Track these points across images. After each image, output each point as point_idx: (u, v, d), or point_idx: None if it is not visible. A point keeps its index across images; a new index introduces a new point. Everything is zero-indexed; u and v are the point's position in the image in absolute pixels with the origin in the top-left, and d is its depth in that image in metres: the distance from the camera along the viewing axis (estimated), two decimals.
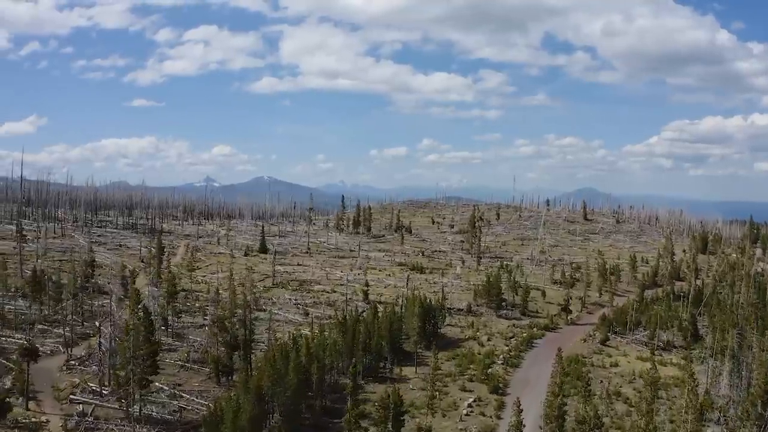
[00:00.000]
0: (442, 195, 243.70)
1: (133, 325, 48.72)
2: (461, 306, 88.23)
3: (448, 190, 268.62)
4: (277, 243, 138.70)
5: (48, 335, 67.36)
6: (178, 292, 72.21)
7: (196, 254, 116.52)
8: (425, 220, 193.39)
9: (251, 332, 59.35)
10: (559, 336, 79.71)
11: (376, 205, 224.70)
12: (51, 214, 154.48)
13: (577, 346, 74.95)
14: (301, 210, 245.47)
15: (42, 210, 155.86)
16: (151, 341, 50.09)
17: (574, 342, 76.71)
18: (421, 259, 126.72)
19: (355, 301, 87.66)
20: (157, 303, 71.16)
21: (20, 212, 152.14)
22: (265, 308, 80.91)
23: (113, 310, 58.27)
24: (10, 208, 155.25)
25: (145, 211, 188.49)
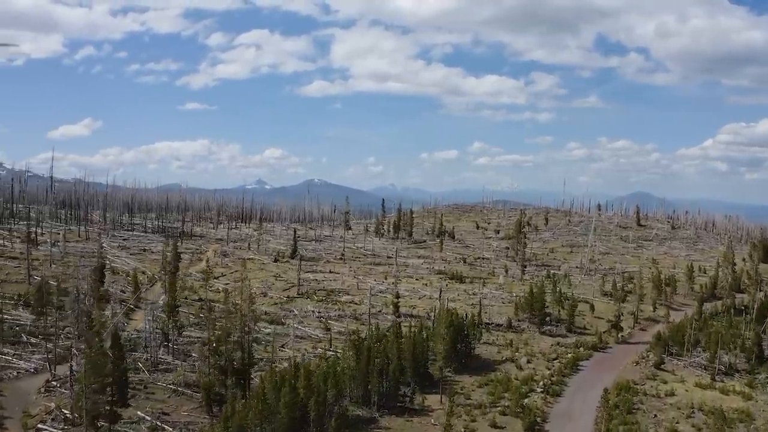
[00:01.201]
0: (489, 198, 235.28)
1: (90, 355, 41.65)
2: (501, 321, 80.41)
3: (496, 193, 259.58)
4: (311, 248, 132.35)
5: (39, 350, 61.22)
6: (179, 305, 65.37)
7: (224, 260, 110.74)
8: (470, 225, 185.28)
9: (249, 355, 52.25)
10: (609, 357, 71.52)
11: (419, 208, 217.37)
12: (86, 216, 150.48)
13: (628, 370, 66.49)
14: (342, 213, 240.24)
15: (74, 211, 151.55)
16: (120, 369, 43.33)
17: (624, 365, 68.24)
18: (462, 267, 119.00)
19: (384, 313, 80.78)
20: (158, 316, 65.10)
21: (51, 214, 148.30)
22: (283, 321, 74.50)
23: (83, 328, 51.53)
24: (47, 210, 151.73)
25: (182, 214, 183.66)
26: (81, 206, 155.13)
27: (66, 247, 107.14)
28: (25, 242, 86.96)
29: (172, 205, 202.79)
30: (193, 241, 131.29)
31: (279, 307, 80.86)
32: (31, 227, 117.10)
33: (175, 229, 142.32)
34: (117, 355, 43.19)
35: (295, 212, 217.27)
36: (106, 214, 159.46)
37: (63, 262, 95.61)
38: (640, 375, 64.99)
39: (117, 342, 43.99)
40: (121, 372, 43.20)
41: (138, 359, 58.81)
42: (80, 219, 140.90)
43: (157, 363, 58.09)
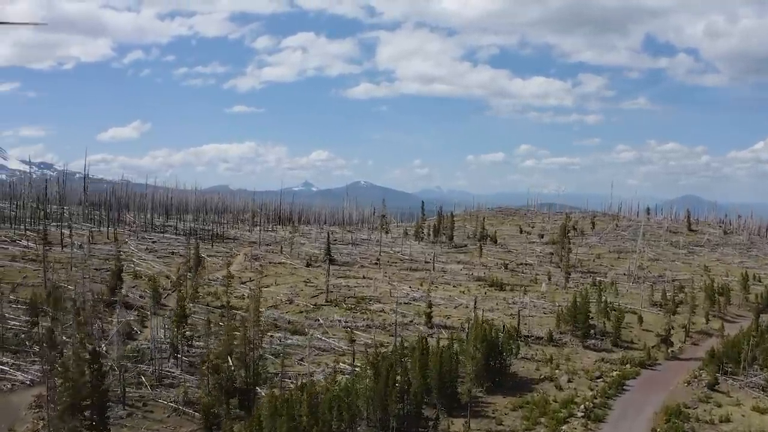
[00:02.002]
0: (535, 201, 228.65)
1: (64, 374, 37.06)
2: (541, 333, 74.69)
3: (542, 196, 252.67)
4: (345, 252, 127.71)
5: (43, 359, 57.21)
6: (188, 314, 60.82)
7: (254, 264, 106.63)
8: (513, 229, 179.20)
9: (255, 374, 47.43)
10: (658, 375, 65.45)
11: (462, 211, 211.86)
12: (119, 217, 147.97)
13: (679, 392, 60.27)
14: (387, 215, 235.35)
15: (108, 212, 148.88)
16: (99, 390, 38.71)
17: (675, 385, 62.02)
18: (503, 274, 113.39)
19: (415, 324, 75.69)
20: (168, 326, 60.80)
21: (84, 215, 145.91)
22: (307, 331, 69.79)
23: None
24: (86, 210, 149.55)
25: (218, 216, 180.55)
26: (113, 207, 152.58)
27: (91, 249, 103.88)
28: (42, 244, 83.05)
29: (211, 206, 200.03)
30: (225, 244, 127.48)
31: (304, 316, 76.13)
32: (60, 229, 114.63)
33: (208, 231, 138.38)
34: (95, 374, 38.52)
35: (337, 214, 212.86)
36: (141, 215, 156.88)
37: (85, 265, 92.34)
38: (692, 397, 58.77)
39: (96, 358, 39.24)
40: (100, 394, 38.56)
41: (143, 372, 54.57)
42: (111, 220, 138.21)
43: (163, 377, 53.69)
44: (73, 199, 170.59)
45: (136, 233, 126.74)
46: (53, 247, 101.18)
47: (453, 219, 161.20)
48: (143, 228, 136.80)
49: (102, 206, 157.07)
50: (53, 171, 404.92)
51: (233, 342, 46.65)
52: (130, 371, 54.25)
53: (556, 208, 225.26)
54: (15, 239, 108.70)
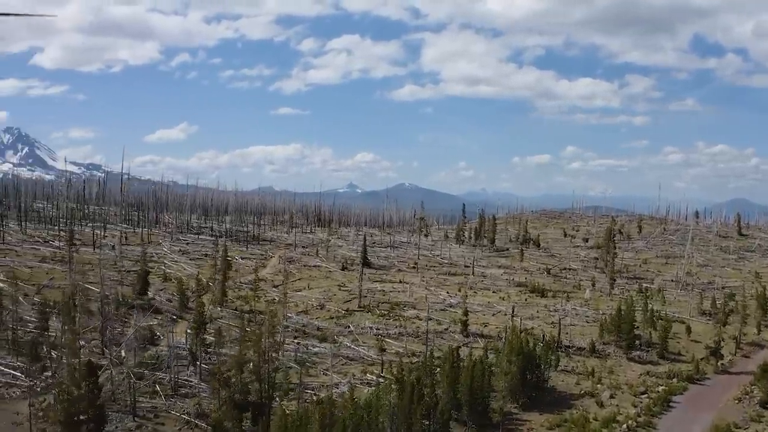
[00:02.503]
0: (580, 204, 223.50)
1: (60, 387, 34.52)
2: (583, 344, 70.76)
3: (588, 198, 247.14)
4: (383, 255, 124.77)
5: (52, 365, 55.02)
6: (207, 321, 58.00)
7: (288, 266, 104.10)
8: (557, 232, 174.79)
9: (270, 388, 44.34)
10: (706, 391, 61.17)
11: (504, 214, 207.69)
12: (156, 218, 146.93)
13: (729, 409, 55.96)
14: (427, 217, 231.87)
15: (145, 213, 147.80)
16: (95, 405, 36.00)
17: (724, 402, 57.75)
18: (545, 279, 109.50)
19: (451, 332, 72.33)
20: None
21: (122, 215, 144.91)
22: (336, 339, 66.83)
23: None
24: (124, 211, 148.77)
25: (256, 217, 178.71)
26: (151, 208, 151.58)
27: (123, 250, 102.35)
28: (69, 244, 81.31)
29: (252, 208, 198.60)
30: (260, 246, 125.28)
31: (334, 322, 73.15)
32: (93, 229, 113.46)
33: (245, 233, 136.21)
34: (91, 387, 35.81)
35: (378, 216, 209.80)
36: (179, 216, 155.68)
37: (116, 266, 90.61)
38: (743, 416, 54.48)
39: (92, 371, 36.54)
40: (96, 409, 35.86)
41: (159, 380, 52.02)
42: (148, 221, 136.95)
43: (179, 386, 51.05)
44: (119, 200, 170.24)
45: (170, 234, 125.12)
46: (86, 248, 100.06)
47: (495, 222, 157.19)
48: (179, 229, 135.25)
49: (140, 207, 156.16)
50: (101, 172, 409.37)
51: (246, 353, 43.67)
52: (146, 379, 51.83)
53: (602, 211, 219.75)
54: (48, 240, 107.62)
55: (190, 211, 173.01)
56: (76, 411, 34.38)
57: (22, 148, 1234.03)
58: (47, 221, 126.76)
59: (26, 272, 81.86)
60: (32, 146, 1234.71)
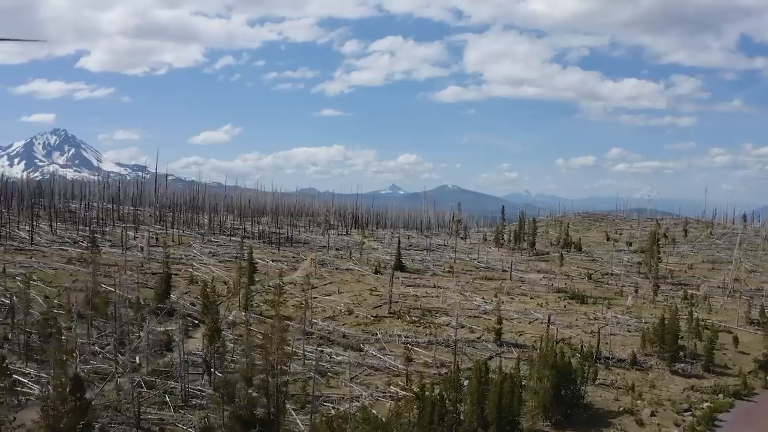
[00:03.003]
0: (624, 206, 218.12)
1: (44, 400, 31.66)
2: (624, 355, 66.83)
3: (632, 201, 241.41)
4: (419, 259, 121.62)
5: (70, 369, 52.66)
6: (221, 329, 55.02)
7: (319, 269, 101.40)
8: (600, 236, 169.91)
9: (281, 402, 41.25)
10: (754, 409, 57.06)
11: (546, 216, 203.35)
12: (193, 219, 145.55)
13: None
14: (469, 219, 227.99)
15: (176, 214, 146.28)
16: (80, 422, 32.98)
17: None
18: (586, 285, 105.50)
19: (484, 341, 68.89)
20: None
21: (156, 216, 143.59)
22: (362, 347, 63.79)
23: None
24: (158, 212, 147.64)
25: (291, 219, 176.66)
26: (184, 209, 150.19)
27: (151, 252, 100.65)
28: (90, 246, 79.40)
29: (290, 209, 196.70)
30: (293, 248, 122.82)
31: (362, 329, 70.06)
32: (124, 231, 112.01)
33: (279, 235, 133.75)
34: (77, 400, 32.97)
35: (417, 218, 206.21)
36: (215, 217, 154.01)
37: (143, 269, 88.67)
38: None
39: (79, 385, 33.72)
40: (83, 425, 33.00)
41: (171, 390, 49.41)
42: (186, 222, 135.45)
43: (191, 396, 48.36)
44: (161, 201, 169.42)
45: (203, 236, 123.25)
46: (114, 250, 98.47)
47: (535, 224, 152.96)
48: (212, 230, 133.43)
49: (173, 208, 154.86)
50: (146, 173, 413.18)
51: (253, 366, 40.73)
52: (158, 388, 49.31)
53: (647, 213, 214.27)
54: (77, 241, 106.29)
55: (225, 212, 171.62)
56: (61, 428, 31.67)
57: (69, 150, 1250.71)
58: (80, 222, 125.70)
59: (50, 274, 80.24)
60: (79, 148, 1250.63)
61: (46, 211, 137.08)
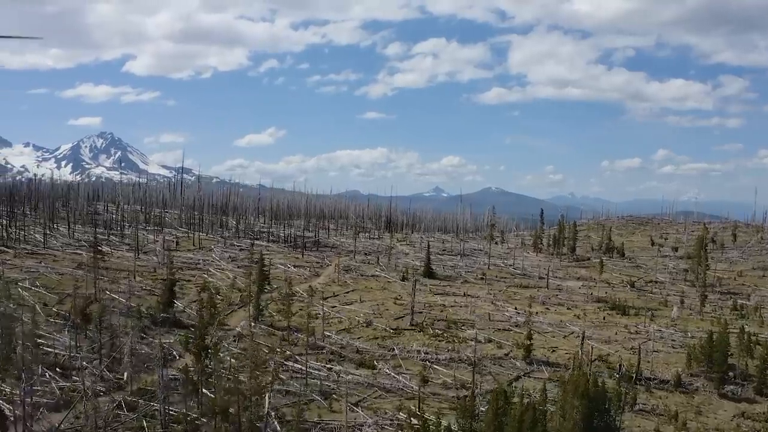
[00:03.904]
0: (669, 209, 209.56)
1: None
2: (667, 375, 60.12)
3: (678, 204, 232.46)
4: (450, 264, 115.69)
5: (49, 385, 47.88)
6: (208, 347, 49.43)
7: (344, 276, 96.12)
8: (644, 240, 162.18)
9: None
10: None
11: (587, 220, 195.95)
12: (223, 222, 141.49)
13: None
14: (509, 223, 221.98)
15: (203, 216, 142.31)
16: None
17: None
18: (628, 294, 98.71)
19: (512, 358, 62.65)
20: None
21: (181, 219, 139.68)
22: (376, 364, 58.08)
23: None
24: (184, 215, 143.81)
25: (318, 221, 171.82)
26: (210, 211, 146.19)
27: (169, 256, 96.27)
28: (93, 249, 74.81)
29: (326, 211, 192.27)
30: (319, 253, 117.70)
31: (378, 343, 64.29)
32: (146, 233, 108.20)
33: (304, 238, 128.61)
34: None
35: (456, 221, 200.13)
36: (243, 220, 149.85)
37: (154, 274, 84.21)
38: None
39: None
40: None
41: (154, 413, 44.16)
42: (204, 225, 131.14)
43: (174, 421, 43.00)
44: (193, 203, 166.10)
45: (225, 239, 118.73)
46: (129, 254, 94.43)
47: (576, 228, 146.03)
48: (238, 234, 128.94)
49: (201, 210, 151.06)
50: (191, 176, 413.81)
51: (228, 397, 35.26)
52: (140, 410, 44.16)
53: (693, 217, 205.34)
54: (96, 244, 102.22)
55: (257, 214, 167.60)
56: None
57: (115, 153, 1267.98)
58: (103, 225, 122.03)
59: (54, 279, 76.07)
60: (125, 150, 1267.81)
61: (72, 214, 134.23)
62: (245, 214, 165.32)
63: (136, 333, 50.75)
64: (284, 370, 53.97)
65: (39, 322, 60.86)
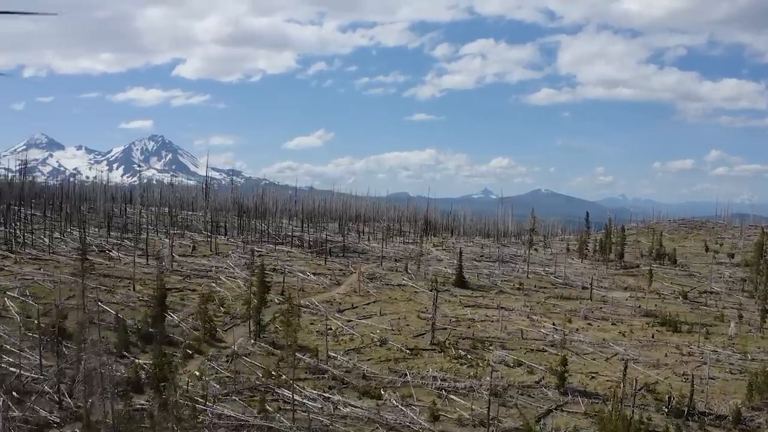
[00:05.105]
0: (724, 212, 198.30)
1: None
2: (724, 410, 51.06)
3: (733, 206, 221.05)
4: (486, 272, 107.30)
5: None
6: (202, 375, 42.22)
7: (366, 285, 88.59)
8: (698, 245, 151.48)
9: None
10: None
11: (637, 223, 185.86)
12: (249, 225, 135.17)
13: None
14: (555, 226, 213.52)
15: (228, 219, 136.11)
16: None
17: None
18: (680, 307, 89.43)
19: (544, 387, 53.95)
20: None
21: (205, 222, 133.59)
22: (382, 393, 50.04)
23: None
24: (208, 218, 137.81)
25: (360, 225, 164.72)
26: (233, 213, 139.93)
27: (183, 262, 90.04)
28: (81, 256, 68.18)
29: (362, 214, 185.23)
30: (346, 259, 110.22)
31: (389, 367, 56.05)
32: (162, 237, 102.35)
33: (327, 242, 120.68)
34: None
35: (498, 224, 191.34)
36: (273, 222, 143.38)
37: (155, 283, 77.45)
38: None
39: None
40: None
41: None
42: (226, 228, 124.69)
43: None
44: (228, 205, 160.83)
45: (246, 244, 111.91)
46: (139, 261, 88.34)
47: (624, 232, 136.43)
48: (262, 238, 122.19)
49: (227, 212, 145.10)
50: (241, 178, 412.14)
51: None
52: None
53: (749, 220, 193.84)
54: (104, 249, 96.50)
55: (288, 216, 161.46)
56: None
57: (166, 155, 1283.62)
58: (121, 229, 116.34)
59: (47, 288, 69.97)
60: (175, 153, 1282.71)
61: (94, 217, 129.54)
62: (277, 217, 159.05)
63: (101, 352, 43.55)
64: (273, 400, 46.62)
65: (10, 337, 55.14)
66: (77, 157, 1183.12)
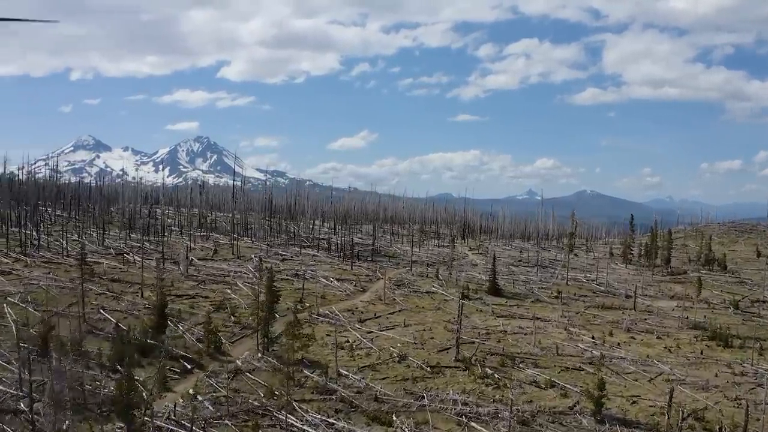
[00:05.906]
0: None
1: None
2: None
3: None
4: (523, 279, 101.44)
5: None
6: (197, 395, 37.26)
7: (393, 293, 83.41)
8: (749, 250, 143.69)
9: None
10: None
11: (684, 227, 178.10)
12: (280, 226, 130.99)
13: None
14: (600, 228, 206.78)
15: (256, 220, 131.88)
16: None
17: None
18: (731, 319, 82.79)
19: (579, 413, 47.93)
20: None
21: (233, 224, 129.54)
22: (394, 419, 44.52)
23: None
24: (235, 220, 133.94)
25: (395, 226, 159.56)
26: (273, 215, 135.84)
27: (200, 267, 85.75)
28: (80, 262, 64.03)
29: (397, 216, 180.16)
30: (374, 263, 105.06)
31: (405, 387, 50.35)
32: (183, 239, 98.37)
33: (353, 245, 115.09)
34: None
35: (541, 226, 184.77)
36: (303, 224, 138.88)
37: (171, 287, 73.00)
38: None
39: None
40: None
41: None
42: (252, 231, 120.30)
43: None
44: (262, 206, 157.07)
45: (270, 247, 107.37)
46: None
47: (671, 236, 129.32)
48: (289, 240, 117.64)
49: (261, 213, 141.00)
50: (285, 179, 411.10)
51: None
52: None
53: None
54: (122, 251, 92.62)
55: (322, 218, 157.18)
56: None
57: (211, 156, 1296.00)
58: (145, 231, 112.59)
59: (51, 294, 65.92)
60: (220, 154, 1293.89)
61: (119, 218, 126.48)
62: (310, 218, 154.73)
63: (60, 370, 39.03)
64: (270, 425, 41.54)
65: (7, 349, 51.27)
66: (124, 158, 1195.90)
